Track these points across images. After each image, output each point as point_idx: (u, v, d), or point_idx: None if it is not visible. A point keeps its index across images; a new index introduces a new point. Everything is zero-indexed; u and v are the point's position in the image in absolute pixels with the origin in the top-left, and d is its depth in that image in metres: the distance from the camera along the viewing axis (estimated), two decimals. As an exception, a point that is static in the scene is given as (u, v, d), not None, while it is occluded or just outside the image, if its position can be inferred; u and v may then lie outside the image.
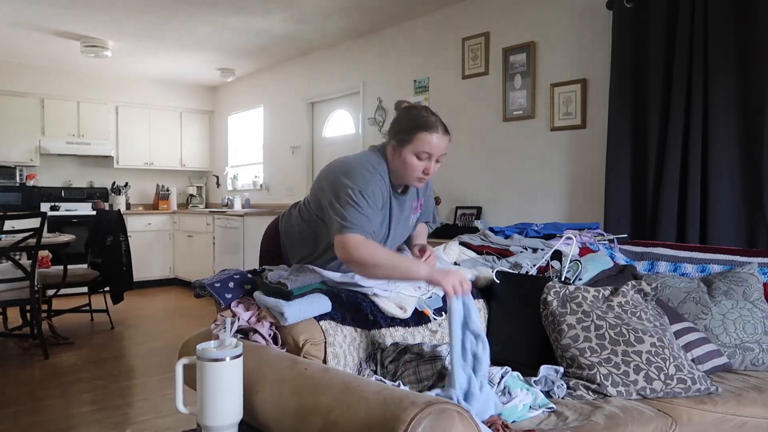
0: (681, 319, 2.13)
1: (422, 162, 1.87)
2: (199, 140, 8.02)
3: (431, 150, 1.85)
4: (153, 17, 5.01)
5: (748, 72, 2.92)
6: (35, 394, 3.35)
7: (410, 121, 1.88)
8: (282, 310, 1.61)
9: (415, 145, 1.85)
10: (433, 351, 1.67)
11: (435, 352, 1.67)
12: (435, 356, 1.65)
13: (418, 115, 1.89)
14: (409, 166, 1.87)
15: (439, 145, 1.86)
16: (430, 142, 1.84)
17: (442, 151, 1.89)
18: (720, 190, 2.97)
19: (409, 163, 1.87)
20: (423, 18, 4.93)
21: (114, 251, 4.88)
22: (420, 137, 1.84)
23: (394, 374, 1.65)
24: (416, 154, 1.86)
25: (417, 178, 1.90)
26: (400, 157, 1.88)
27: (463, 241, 2.58)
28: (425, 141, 1.84)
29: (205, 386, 1.25)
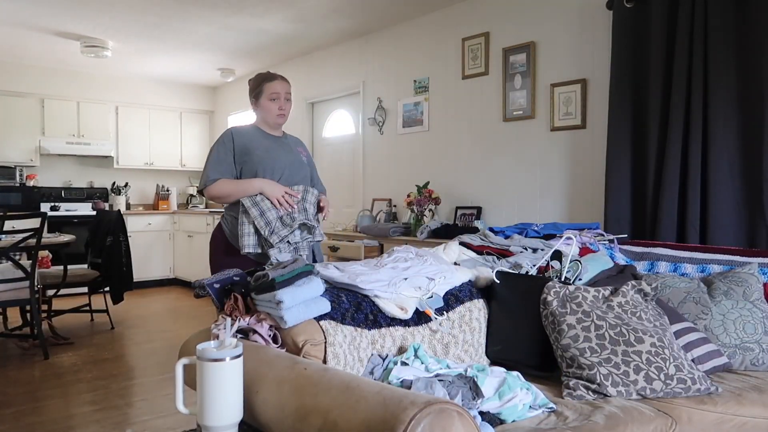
0: (681, 319, 2.13)
1: (275, 102, 2.58)
2: (199, 140, 8.02)
3: (278, 90, 2.58)
4: (153, 17, 5.01)
5: (748, 72, 2.92)
6: (35, 394, 3.35)
7: (255, 81, 2.62)
8: (281, 314, 1.61)
9: (265, 92, 2.58)
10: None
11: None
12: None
13: (260, 75, 2.63)
14: (266, 109, 2.59)
15: (282, 86, 2.59)
16: (274, 86, 2.58)
17: (286, 90, 2.60)
18: (720, 190, 2.97)
19: (266, 107, 2.59)
20: (423, 18, 4.93)
21: (114, 251, 4.88)
22: (266, 86, 2.58)
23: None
24: (269, 98, 2.58)
25: (276, 115, 2.60)
26: (260, 107, 2.61)
27: (463, 242, 2.58)
28: (271, 87, 2.58)
29: (205, 386, 1.25)
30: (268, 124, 2.64)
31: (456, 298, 2.05)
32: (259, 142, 2.59)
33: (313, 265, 1.82)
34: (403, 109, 5.11)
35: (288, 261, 1.78)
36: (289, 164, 2.60)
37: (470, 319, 2.05)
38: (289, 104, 2.62)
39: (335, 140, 6.05)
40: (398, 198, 5.04)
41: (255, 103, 2.62)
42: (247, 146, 2.55)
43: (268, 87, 2.57)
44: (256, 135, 2.61)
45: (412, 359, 1.74)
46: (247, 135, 2.59)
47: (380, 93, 5.36)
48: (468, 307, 2.07)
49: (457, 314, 2.02)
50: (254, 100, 2.62)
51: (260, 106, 2.60)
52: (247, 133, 2.61)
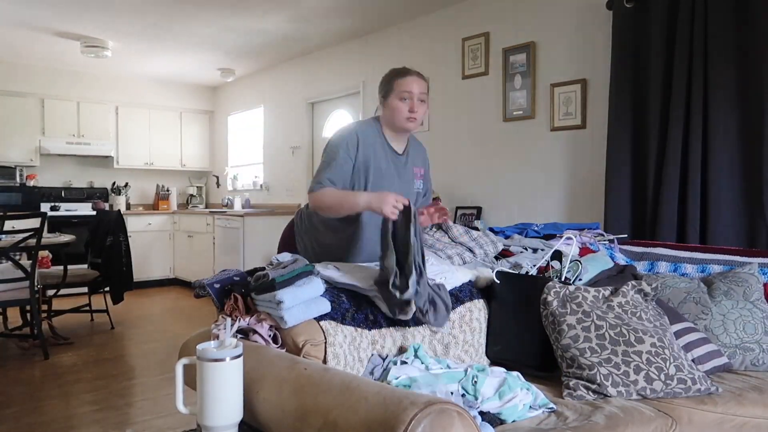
0: (681, 319, 2.13)
1: (405, 102, 2.18)
2: (199, 140, 8.02)
3: (410, 88, 2.17)
4: (153, 17, 5.01)
5: (748, 72, 2.92)
6: (35, 395, 3.35)
7: (387, 76, 2.25)
8: (281, 314, 1.61)
9: (396, 90, 2.18)
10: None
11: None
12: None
13: (393, 69, 2.26)
14: (396, 110, 2.19)
15: (417, 84, 2.19)
16: (407, 83, 2.18)
17: (421, 89, 2.19)
18: (720, 190, 2.97)
19: (395, 107, 2.19)
20: (423, 18, 4.93)
21: (114, 251, 4.88)
22: (398, 82, 2.19)
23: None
24: (399, 97, 2.18)
25: (405, 118, 2.19)
26: (388, 107, 2.21)
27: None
28: (403, 83, 2.18)
29: (205, 386, 1.24)
30: (393, 129, 2.25)
31: (456, 298, 2.05)
32: (381, 158, 2.23)
33: (313, 265, 1.82)
34: (403, 109, 5.10)
35: (288, 261, 1.78)
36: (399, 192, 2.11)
37: (470, 319, 2.05)
38: (423, 107, 2.21)
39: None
40: (398, 198, 5.04)
41: (383, 102, 2.24)
42: (368, 161, 2.20)
43: (399, 83, 2.18)
44: (379, 148, 2.23)
45: (412, 359, 1.74)
46: (371, 145, 2.22)
47: (380, 93, 5.35)
48: (468, 307, 2.07)
49: (457, 314, 2.02)
50: (382, 98, 2.24)
51: (388, 106, 2.21)
52: (372, 142, 2.22)
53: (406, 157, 2.31)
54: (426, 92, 2.23)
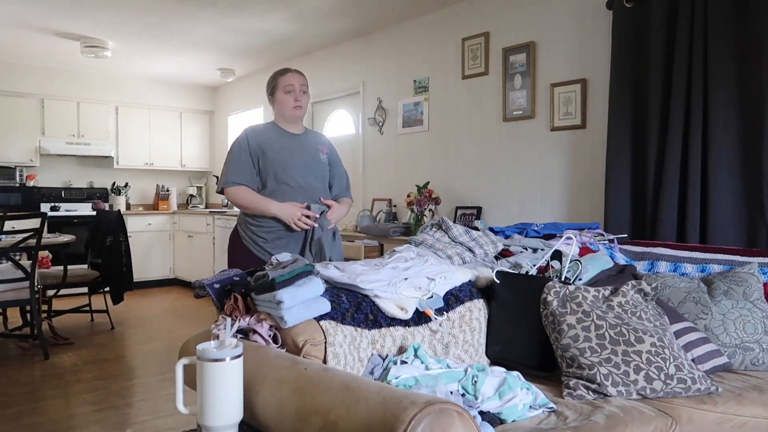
0: (681, 319, 2.13)
1: (290, 94, 2.57)
2: (199, 140, 8.02)
3: (292, 82, 2.57)
4: (153, 17, 5.01)
5: (748, 72, 2.92)
6: (35, 395, 3.35)
7: (271, 76, 2.64)
8: (281, 314, 1.60)
9: (280, 86, 2.58)
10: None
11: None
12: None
13: (275, 72, 2.64)
14: (282, 102, 2.58)
15: (296, 78, 2.59)
16: (288, 79, 2.58)
17: (302, 82, 2.60)
18: (720, 190, 2.97)
19: (281, 100, 2.58)
20: (423, 18, 4.93)
21: (114, 251, 4.88)
22: (280, 80, 2.59)
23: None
24: (284, 91, 2.57)
25: (292, 107, 2.58)
26: (276, 102, 2.60)
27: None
28: (285, 80, 2.58)
29: (205, 386, 1.24)
30: (285, 119, 2.64)
31: (456, 298, 2.05)
32: (275, 141, 2.59)
33: (313, 265, 1.82)
34: (403, 109, 5.11)
35: (288, 261, 1.78)
36: (304, 164, 2.59)
37: (470, 319, 2.05)
38: (306, 97, 2.62)
39: (335, 140, 5.93)
40: (398, 198, 5.04)
41: (271, 99, 2.64)
42: (262, 146, 2.55)
43: (282, 80, 2.58)
44: (273, 133, 2.61)
45: (412, 359, 1.74)
46: (264, 134, 2.60)
47: (380, 93, 5.36)
48: (468, 307, 2.07)
49: (457, 314, 2.02)
50: (270, 96, 2.63)
51: (276, 101, 2.61)
52: (263, 131, 2.61)
53: (304, 136, 2.67)
54: (306, 84, 2.62)
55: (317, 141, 2.73)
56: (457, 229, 2.51)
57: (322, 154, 2.68)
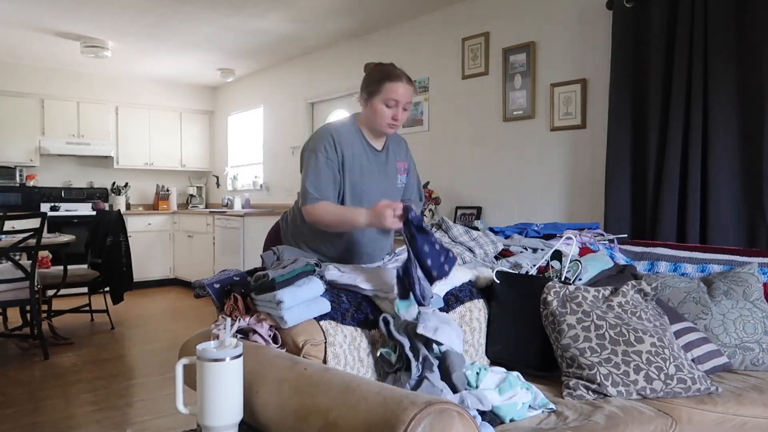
0: (681, 319, 2.13)
1: (390, 109, 2.08)
2: (199, 140, 8.02)
3: (397, 97, 2.06)
4: (153, 17, 5.01)
5: (748, 72, 2.92)
6: (35, 395, 3.35)
7: (377, 74, 2.11)
8: (281, 314, 1.61)
9: (383, 94, 2.06)
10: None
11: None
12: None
13: (384, 68, 2.11)
14: (378, 113, 2.09)
15: (405, 93, 2.08)
16: (396, 90, 2.06)
17: (408, 99, 2.10)
18: (720, 190, 2.97)
19: (378, 111, 2.09)
20: (423, 18, 4.93)
21: (114, 251, 4.88)
22: (387, 86, 2.06)
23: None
24: (385, 101, 2.07)
25: (387, 124, 2.11)
26: (371, 107, 2.10)
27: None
28: (392, 89, 2.06)
29: (205, 386, 1.25)
30: (372, 131, 2.17)
31: (456, 298, 2.05)
32: (359, 157, 2.15)
33: (313, 264, 1.82)
34: (403, 109, 5.10)
35: (288, 261, 1.78)
36: (381, 192, 2.16)
37: (470, 319, 2.05)
38: (406, 114, 2.13)
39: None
40: (398, 198, 5.04)
41: (365, 99, 2.12)
42: (347, 159, 2.12)
43: (388, 88, 2.05)
44: (357, 146, 2.15)
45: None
46: (349, 143, 2.13)
47: (380, 93, 5.35)
48: (468, 307, 2.07)
49: (457, 314, 2.02)
50: (366, 95, 2.12)
51: (371, 107, 2.10)
52: (349, 139, 2.14)
53: (386, 154, 2.24)
54: (411, 101, 2.13)
55: (397, 156, 2.28)
56: (457, 229, 2.51)
57: (400, 174, 2.27)
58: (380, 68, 2.12)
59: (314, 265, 1.77)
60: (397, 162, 2.27)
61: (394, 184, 2.26)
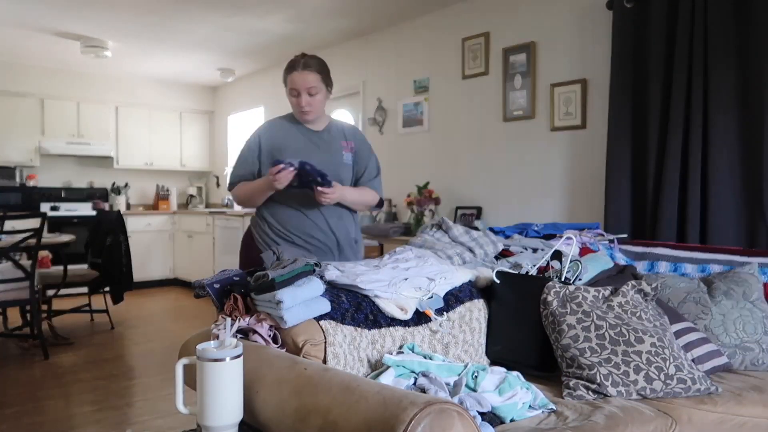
0: (681, 319, 2.13)
1: (295, 98, 2.25)
2: (199, 140, 8.02)
3: (296, 86, 2.22)
4: (153, 17, 5.01)
5: (748, 72, 2.92)
6: (35, 395, 3.35)
7: (285, 68, 2.28)
8: (281, 314, 1.60)
9: (288, 86, 2.26)
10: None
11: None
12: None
13: (289, 62, 2.26)
14: (292, 105, 2.29)
15: (302, 81, 2.21)
16: (293, 80, 2.22)
17: (308, 84, 2.21)
18: (720, 190, 2.97)
19: (290, 102, 2.28)
20: (423, 18, 4.93)
21: (114, 251, 4.88)
22: (288, 79, 2.25)
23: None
24: (290, 92, 2.26)
25: (299, 112, 2.29)
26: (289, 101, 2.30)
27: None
28: (290, 80, 2.24)
29: (205, 386, 1.25)
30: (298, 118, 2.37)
31: (456, 298, 2.05)
32: (292, 140, 2.34)
33: (313, 264, 1.82)
34: (403, 109, 5.11)
35: (288, 261, 1.78)
36: (324, 164, 2.27)
37: (470, 319, 2.05)
38: (316, 99, 2.26)
39: (335, 140, 6.03)
40: (398, 198, 5.05)
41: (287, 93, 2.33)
42: (278, 144, 2.33)
43: (289, 81, 2.26)
44: (292, 130, 2.36)
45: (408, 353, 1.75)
46: (282, 129, 2.36)
47: (380, 93, 5.36)
48: (468, 307, 2.07)
49: (457, 314, 2.02)
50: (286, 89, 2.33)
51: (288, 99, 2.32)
52: (281, 128, 2.37)
53: (327, 133, 2.40)
54: (317, 85, 2.23)
55: (340, 136, 2.41)
56: (457, 229, 2.51)
57: (345, 152, 2.40)
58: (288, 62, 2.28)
59: (314, 265, 1.76)
60: (342, 141, 2.41)
61: (339, 158, 2.38)
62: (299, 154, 2.27)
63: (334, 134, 2.40)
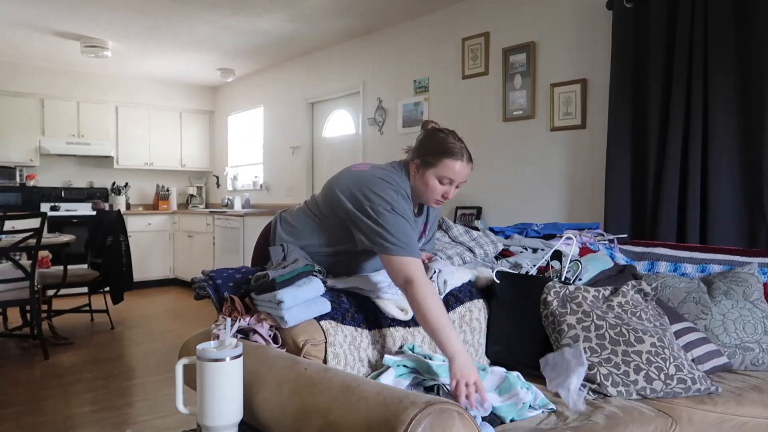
0: (681, 319, 2.13)
1: (443, 186, 1.90)
2: (199, 140, 8.02)
3: (454, 176, 1.89)
4: (153, 17, 5.01)
5: (748, 72, 2.92)
6: (35, 394, 3.35)
7: (437, 145, 1.90)
8: (282, 314, 1.60)
9: (439, 169, 1.88)
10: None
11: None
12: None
13: (445, 140, 1.91)
14: (430, 188, 1.91)
15: (462, 173, 1.90)
16: (453, 169, 1.87)
17: (464, 178, 1.92)
18: (720, 190, 2.97)
19: (430, 185, 1.90)
20: (423, 18, 4.93)
21: (114, 251, 4.88)
22: (445, 163, 1.87)
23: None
24: (439, 178, 1.89)
25: (435, 200, 1.94)
26: (422, 178, 1.91)
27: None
28: (449, 167, 1.87)
29: (205, 386, 1.24)
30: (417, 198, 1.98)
31: (456, 298, 2.05)
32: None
33: (313, 264, 1.82)
34: (403, 109, 5.11)
35: (288, 261, 1.78)
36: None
37: (470, 319, 2.05)
38: (457, 191, 1.97)
39: (335, 140, 6.04)
40: (398, 198, 5.04)
41: (418, 167, 1.91)
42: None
43: (446, 166, 1.87)
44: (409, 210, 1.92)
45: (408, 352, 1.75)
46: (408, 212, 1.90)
47: (380, 93, 5.36)
48: (468, 307, 2.07)
49: (457, 314, 2.02)
50: (419, 163, 1.91)
51: (423, 178, 1.90)
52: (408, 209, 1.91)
53: (424, 220, 2.11)
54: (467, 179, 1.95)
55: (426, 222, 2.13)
56: (457, 229, 2.51)
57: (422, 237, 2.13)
58: (441, 138, 1.92)
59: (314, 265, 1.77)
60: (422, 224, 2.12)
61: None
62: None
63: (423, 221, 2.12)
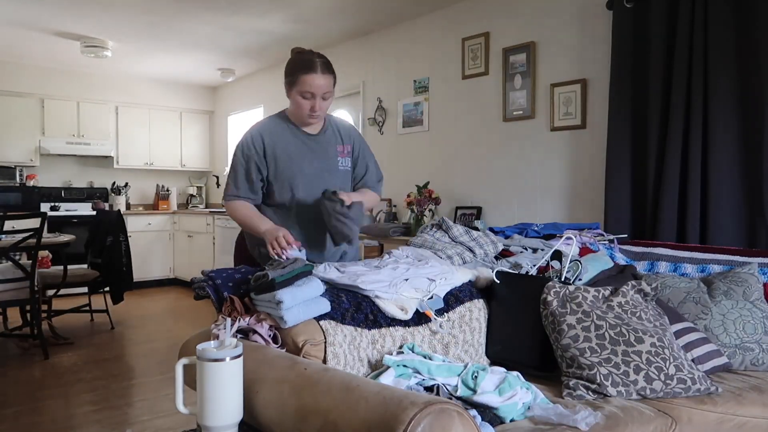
0: (681, 319, 2.13)
1: (308, 101, 2.09)
2: (199, 140, 8.02)
3: (313, 90, 2.06)
4: (153, 17, 5.01)
5: (748, 72, 2.92)
6: (35, 394, 3.35)
7: (294, 64, 2.11)
8: (281, 314, 1.60)
9: (300, 86, 2.07)
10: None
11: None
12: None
13: (300, 59, 2.11)
14: (298, 106, 2.11)
15: (320, 84, 2.06)
16: (310, 83, 2.05)
17: (324, 89, 2.08)
18: (720, 190, 2.97)
19: (297, 102, 2.10)
20: (423, 18, 4.93)
21: (114, 251, 4.88)
22: (302, 79, 2.06)
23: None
24: (301, 93, 2.08)
25: (306, 115, 2.12)
26: (291, 99, 2.13)
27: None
28: (306, 82, 2.06)
29: (205, 386, 1.24)
30: (297, 119, 2.20)
31: (456, 298, 2.05)
32: (286, 144, 2.19)
33: (313, 264, 1.82)
34: (403, 109, 5.11)
35: (288, 261, 1.78)
36: (316, 174, 2.19)
37: (470, 319, 2.05)
38: (327, 102, 2.13)
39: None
40: (398, 198, 5.04)
41: (287, 89, 2.14)
42: (274, 150, 2.17)
43: (303, 80, 2.06)
44: (285, 134, 2.19)
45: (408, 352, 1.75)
46: (276, 134, 2.18)
47: (380, 93, 5.36)
48: (468, 307, 2.06)
49: (457, 314, 2.02)
50: (286, 85, 2.14)
51: (291, 98, 2.13)
52: (276, 131, 2.19)
53: (323, 136, 2.25)
54: (331, 89, 2.11)
55: (335, 140, 2.28)
56: (457, 229, 2.51)
57: (341, 157, 2.27)
58: (298, 58, 2.12)
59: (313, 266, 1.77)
60: (338, 145, 2.28)
61: (335, 165, 2.26)
62: (291, 161, 2.17)
63: (329, 138, 2.27)
